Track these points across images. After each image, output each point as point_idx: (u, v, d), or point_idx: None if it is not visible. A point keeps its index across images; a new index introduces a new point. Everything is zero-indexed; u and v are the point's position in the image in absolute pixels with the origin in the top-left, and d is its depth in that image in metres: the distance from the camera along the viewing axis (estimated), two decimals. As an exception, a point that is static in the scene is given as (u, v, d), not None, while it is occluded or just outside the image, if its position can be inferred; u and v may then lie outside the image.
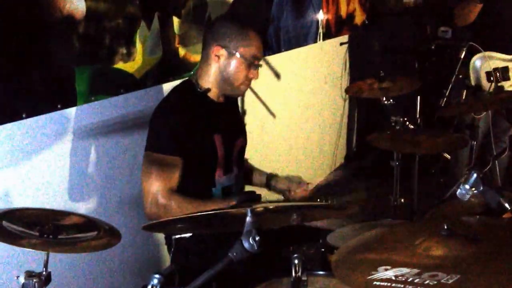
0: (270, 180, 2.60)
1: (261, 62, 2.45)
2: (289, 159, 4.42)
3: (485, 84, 3.35)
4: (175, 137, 2.27)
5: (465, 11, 3.66)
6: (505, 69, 3.57)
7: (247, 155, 2.67)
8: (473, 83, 3.50)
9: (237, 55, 2.33)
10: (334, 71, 5.13)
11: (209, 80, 2.39)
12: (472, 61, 3.60)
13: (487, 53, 3.44)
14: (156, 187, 2.22)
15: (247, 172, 2.66)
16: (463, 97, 3.09)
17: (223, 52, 2.34)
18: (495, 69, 3.45)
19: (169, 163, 2.24)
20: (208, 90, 2.39)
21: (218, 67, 2.36)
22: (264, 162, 3.84)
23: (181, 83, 2.50)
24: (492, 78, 3.14)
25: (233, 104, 2.60)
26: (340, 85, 5.21)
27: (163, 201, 2.22)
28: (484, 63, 3.42)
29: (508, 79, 3.57)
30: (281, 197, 2.54)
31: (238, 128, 2.59)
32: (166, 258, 2.92)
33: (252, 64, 2.36)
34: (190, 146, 2.29)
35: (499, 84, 3.27)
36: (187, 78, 2.52)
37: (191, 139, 2.29)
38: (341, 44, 5.17)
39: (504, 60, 3.54)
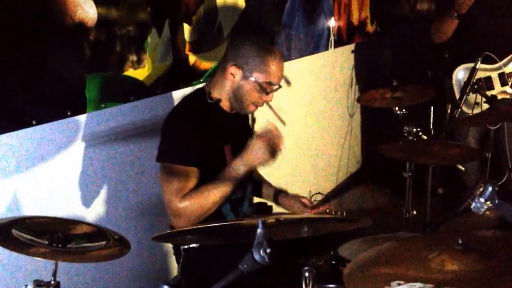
0: (277, 196, 2.59)
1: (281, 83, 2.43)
2: (299, 167, 4.40)
3: (471, 96, 3.31)
4: (188, 147, 2.26)
5: (442, 27, 3.65)
6: (488, 78, 3.56)
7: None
8: (457, 96, 3.48)
9: (252, 78, 2.33)
10: (345, 79, 5.11)
11: (222, 93, 2.40)
12: (454, 74, 3.58)
13: (469, 65, 3.40)
14: (171, 198, 2.23)
15: (256, 183, 2.64)
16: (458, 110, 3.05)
17: (238, 72, 2.34)
18: (478, 80, 3.42)
19: (187, 173, 2.24)
20: (219, 101, 2.39)
21: (231, 84, 2.36)
22: (274, 170, 3.83)
23: (193, 92, 2.50)
24: (477, 89, 3.09)
25: (243, 115, 2.58)
26: (354, 93, 5.18)
27: (179, 207, 2.22)
28: (466, 75, 3.37)
29: (493, 88, 3.55)
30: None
31: (247, 140, 2.58)
32: (174, 268, 2.91)
33: (264, 90, 2.35)
34: (201, 156, 2.28)
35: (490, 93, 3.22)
36: (200, 86, 2.52)
37: (201, 149, 2.28)
38: (353, 51, 5.15)
39: (486, 70, 3.53)
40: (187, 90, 2.89)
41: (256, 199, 2.64)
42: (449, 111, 3.16)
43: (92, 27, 2.33)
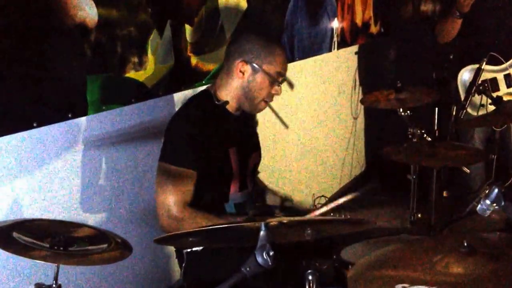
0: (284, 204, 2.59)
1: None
2: (302, 170, 4.38)
3: (476, 97, 3.29)
4: (191, 149, 2.25)
5: (446, 27, 3.64)
6: (494, 80, 3.54)
7: (260, 167, 2.64)
8: (462, 97, 3.46)
9: (262, 71, 2.32)
10: (348, 81, 5.10)
11: (229, 94, 2.38)
12: (459, 75, 3.57)
13: (474, 66, 3.38)
14: (170, 199, 2.20)
15: (260, 190, 2.63)
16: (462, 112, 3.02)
17: (247, 68, 2.33)
18: (484, 81, 3.40)
19: (184, 175, 2.22)
20: (227, 102, 2.37)
21: (241, 82, 2.35)
22: (277, 173, 3.82)
23: (199, 93, 2.49)
24: (482, 90, 3.07)
25: (249, 118, 2.57)
26: (357, 95, 5.16)
27: (177, 214, 2.20)
28: (471, 76, 3.35)
29: (498, 90, 3.53)
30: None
31: (253, 143, 2.57)
32: (177, 271, 2.89)
33: (275, 80, 2.35)
34: (205, 158, 2.27)
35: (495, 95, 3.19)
36: (205, 88, 2.51)
37: (206, 152, 2.27)
38: (356, 53, 5.13)
39: (491, 71, 3.51)
40: (189, 92, 2.88)
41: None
42: (454, 112, 3.14)
43: (93, 28, 2.32)
